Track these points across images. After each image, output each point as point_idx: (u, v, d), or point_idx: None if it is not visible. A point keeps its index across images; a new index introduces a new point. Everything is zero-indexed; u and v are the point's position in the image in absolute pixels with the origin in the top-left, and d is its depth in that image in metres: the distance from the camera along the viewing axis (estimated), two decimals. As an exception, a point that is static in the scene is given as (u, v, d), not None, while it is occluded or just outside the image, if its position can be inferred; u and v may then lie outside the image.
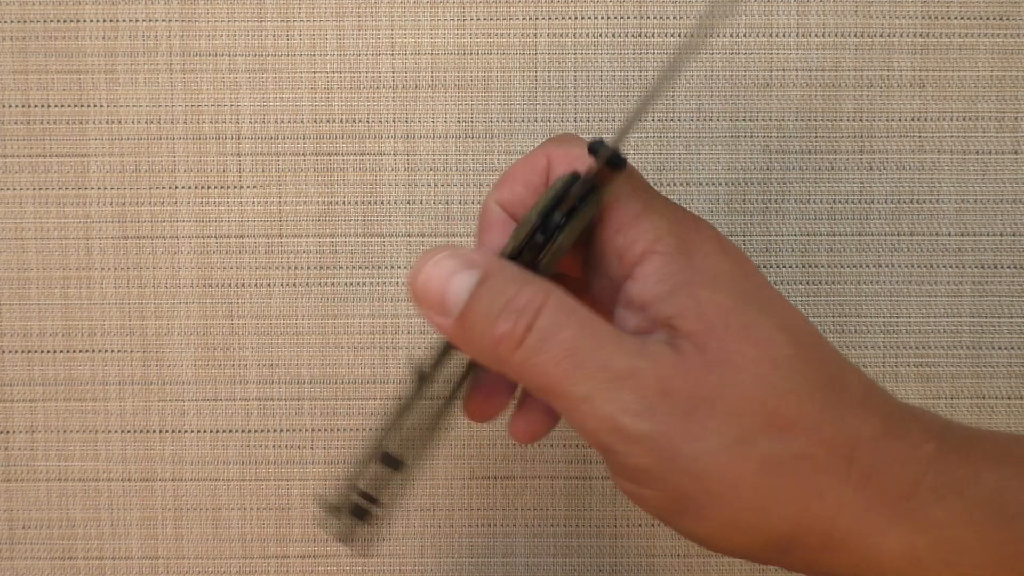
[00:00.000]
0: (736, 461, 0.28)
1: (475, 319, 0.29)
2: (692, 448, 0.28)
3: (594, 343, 0.29)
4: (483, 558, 0.47)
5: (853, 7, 0.45)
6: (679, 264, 0.30)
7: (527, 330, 0.28)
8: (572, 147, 0.33)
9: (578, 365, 0.28)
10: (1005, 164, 0.45)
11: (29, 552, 0.47)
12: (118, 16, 0.45)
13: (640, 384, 0.28)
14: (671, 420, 0.28)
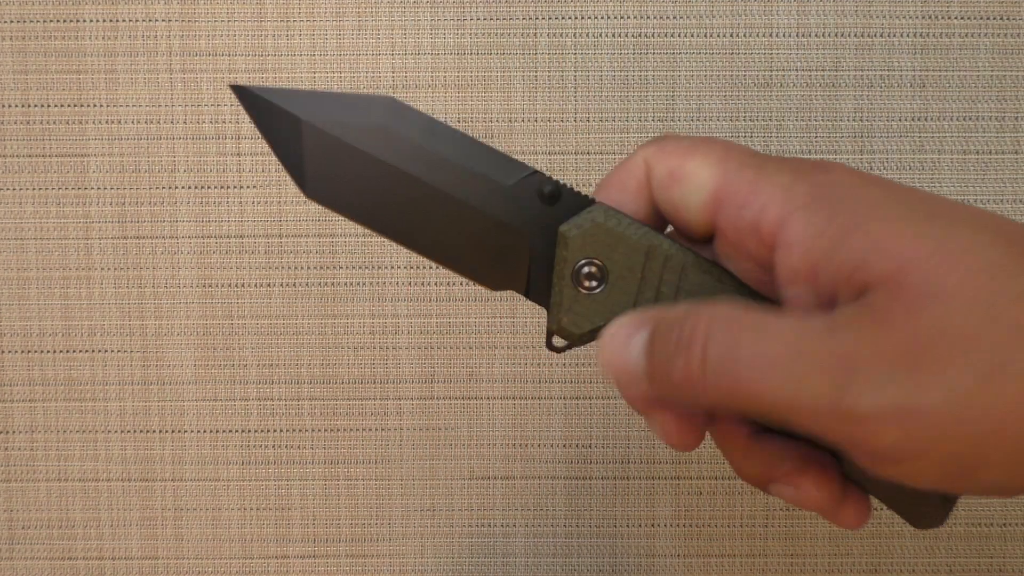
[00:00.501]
0: (996, 392, 0.25)
1: (659, 375, 0.27)
2: (934, 401, 0.25)
3: (779, 339, 0.26)
4: (483, 558, 0.47)
5: (853, 7, 0.45)
6: (826, 212, 0.27)
7: (703, 359, 0.26)
8: (667, 144, 0.30)
9: (772, 368, 0.26)
10: (1005, 164, 0.45)
11: (29, 552, 0.47)
12: (118, 16, 0.45)
13: (845, 358, 0.25)
14: (896, 382, 0.25)
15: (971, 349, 0.25)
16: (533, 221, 0.30)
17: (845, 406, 0.25)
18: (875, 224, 0.26)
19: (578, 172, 0.45)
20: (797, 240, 0.27)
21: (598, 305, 0.30)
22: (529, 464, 0.47)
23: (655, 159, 0.30)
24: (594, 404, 0.46)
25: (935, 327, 0.25)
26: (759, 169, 0.28)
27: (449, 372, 0.46)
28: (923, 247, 0.25)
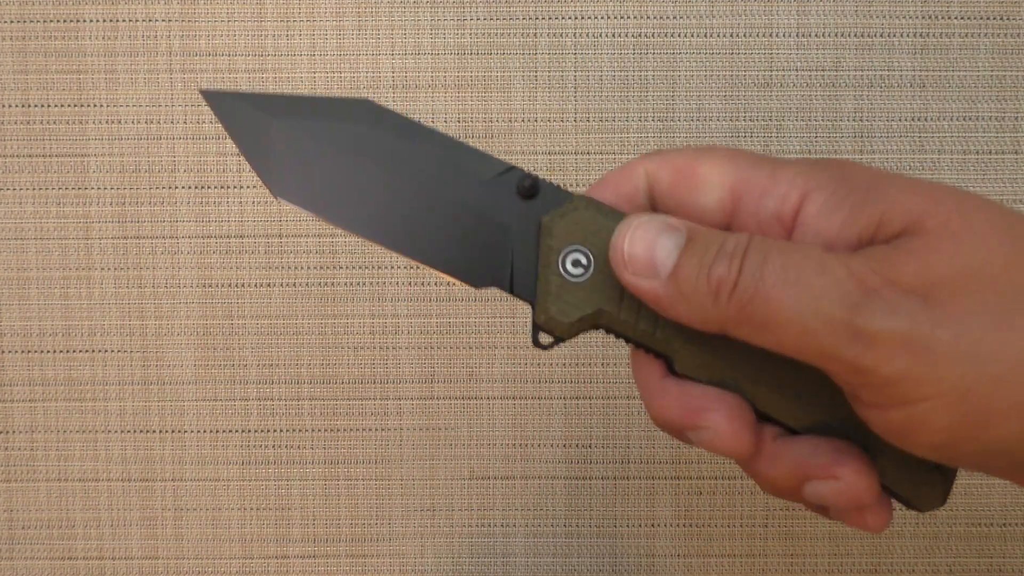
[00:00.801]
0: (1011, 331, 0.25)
1: (688, 273, 0.27)
2: (950, 333, 0.25)
3: (804, 257, 0.26)
4: (483, 558, 0.47)
5: (853, 7, 0.45)
6: (844, 189, 0.28)
7: (740, 268, 0.26)
8: (669, 153, 0.31)
9: (794, 282, 0.26)
10: (1005, 164, 0.45)
11: (29, 552, 0.47)
12: (118, 16, 0.45)
13: (863, 279, 0.25)
14: (910, 309, 0.25)
15: (989, 289, 0.25)
16: (514, 215, 0.31)
17: (856, 324, 0.25)
18: (891, 188, 0.27)
19: (578, 172, 0.45)
20: (818, 214, 0.28)
21: (585, 292, 0.30)
22: (529, 464, 0.47)
23: (658, 167, 0.30)
24: (594, 404, 0.46)
25: (954, 263, 0.25)
26: (774, 163, 0.29)
27: (449, 372, 0.46)
28: (939, 201, 0.26)
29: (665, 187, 0.30)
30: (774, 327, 0.26)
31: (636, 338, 0.30)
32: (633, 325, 0.29)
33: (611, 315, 0.29)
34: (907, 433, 0.26)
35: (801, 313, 0.26)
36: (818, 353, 0.26)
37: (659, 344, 0.29)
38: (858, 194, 0.27)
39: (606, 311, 0.29)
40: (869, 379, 0.26)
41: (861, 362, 0.25)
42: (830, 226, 0.28)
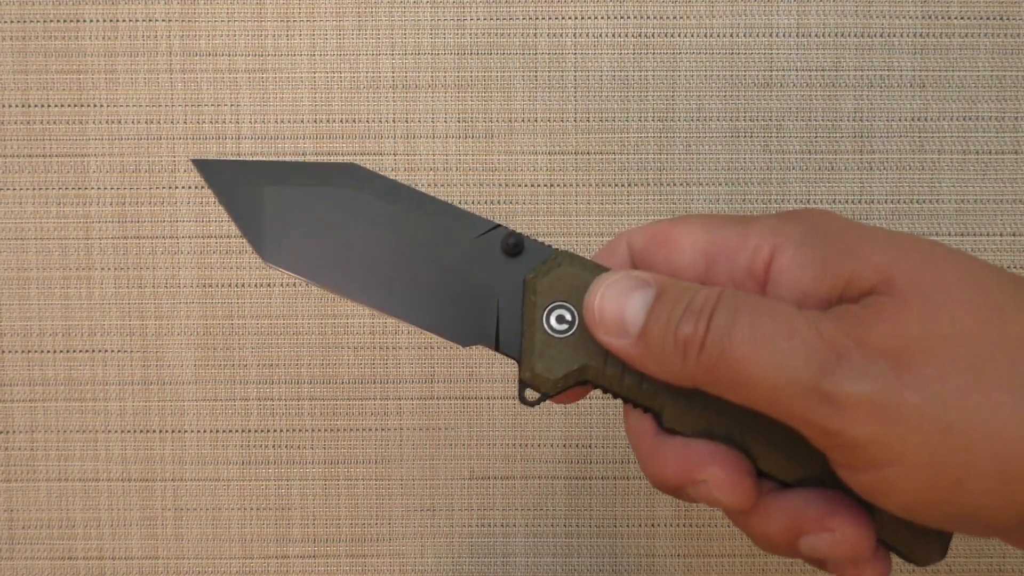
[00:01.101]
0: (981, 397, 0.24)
1: (656, 331, 0.27)
2: (918, 398, 0.24)
3: (773, 318, 0.26)
4: (483, 558, 0.47)
5: (853, 7, 0.45)
6: (814, 241, 0.27)
7: (707, 327, 0.26)
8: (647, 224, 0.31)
9: (761, 344, 0.25)
10: (1005, 164, 0.45)
11: (29, 552, 0.47)
12: (118, 16, 0.45)
13: (832, 342, 0.25)
14: (879, 372, 0.24)
15: (960, 352, 0.25)
16: (499, 274, 0.31)
17: (825, 389, 0.25)
18: (861, 244, 0.27)
19: (578, 172, 0.45)
20: (789, 268, 0.28)
21: (570, 348, 0.30)
22: (529, 464, 0.47)
23: (635, 235, 0.31)
24: (594, 404, 0.46)
25: (925, 327, 0.25)
26: (745, 222, 0.29)
27: (449, 372, 0.46)
28: (910, 259, 0.26)
29: (642, 251, 0.31)
30: (743, 386, 0.26)
31: (623, 393, 0.30)
32: (619, 380, 0.29)
33: (596, 370, 0.30)
34: (878, 495, 0.26)
35: (769, 375, 0.25)
36: (787, 414, 0.26)
37: (646, 398, 0.29)
38: (828, 248, 0.27)
39: (591, 366, 0.30)
40: (838, 441, 0.25)
41: (829, 425, 0.25)
42: (802, 280, 0.27)
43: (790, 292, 0.28)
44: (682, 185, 0.45)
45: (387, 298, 0.31)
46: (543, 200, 0.45)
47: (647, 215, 0.45)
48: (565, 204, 0.46)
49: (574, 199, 0.45)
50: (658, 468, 0.29)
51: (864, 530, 0.28)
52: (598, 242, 0.45)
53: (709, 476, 0.28)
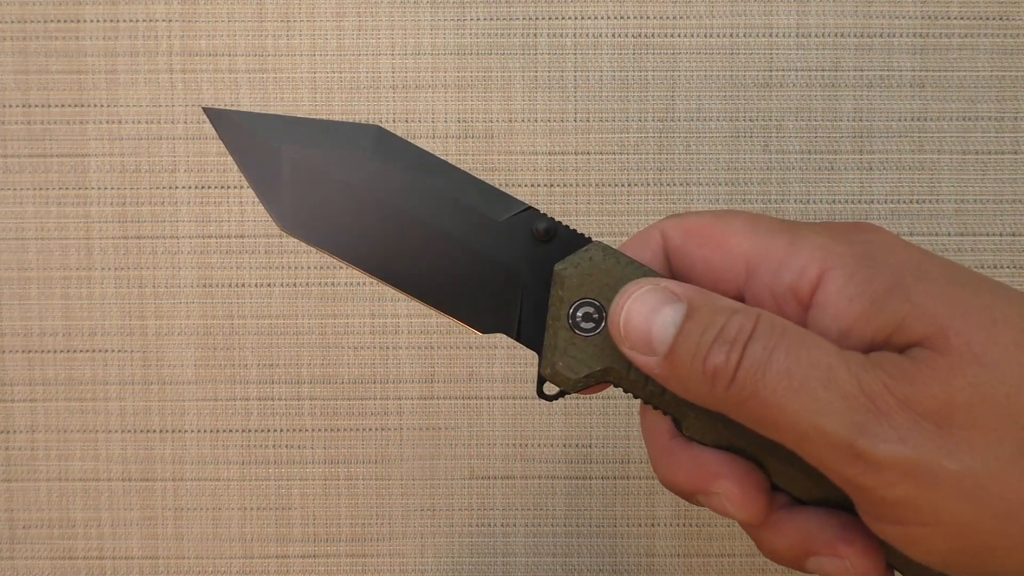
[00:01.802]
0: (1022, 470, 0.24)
1: (684, 355, 0.26)
2: (959, 466, 0.23)
3: (812, 362, 0.24)
4: (483, 558, 0.47)
5: (853, 7, 0.45)
6: (866, 272, 0.26)
7: (739, 360, 0.25)
8: (688, 215, 0.29)
9: (797, 389, 0.24)
10: (1005, 164, 0.45)
11: (29, 552, 0.47)
12: (118, 16, 0.45)
13: (873, 397, 0.24)
14: (920, 435, 0.24)
15: (1007, 422, 0.24)
16: (526, 259, 0.29)
17: (860, 446, 0.24)
18: (917, 286, 0.25)
19: (578, 172, 0.45)
20: (836, 298, 0.26)
21: (595, 349, 0.28)
22: (529, 464, 0.47)
23: (674, 226, 0.29)
24: (594, 404, 0.46)
25: (975, 392, 0.24)
26: (793, 233, 0.27)
27: (449, 372, 0.46)
28: (967, 313, 0.25)
29: (679, 246, 0.29)
30: (772, 427, 0.25)
31: (644, 397, 0.28)
32: (642, 386, 0.28)
33: (619, 374, 0.28)
34: (901, 544, 0.25)
35: (802, 423, 0.24)
36: (817, 461, 0.25)
37: (667, 406, 0.28)
38: (880, 285, 0.25)
39: (615, 369, 0.28)
40: (867, 497, 0.25)
41: (860, 482, 0.24)
42: (848, 314, 0.26)
43: (834, 323, 0.26)
44: (682, 185, 0.45)
45: (405, 276, 0.29)
46: (543, 200, 0.45)
47: (647, 215, 0.45)
48: (565, 204, 0.46)
49: (574, 199, 0.45)
50: (671, 472, 0.28)
51: (874, 561, 0.27)
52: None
53: (722, 489, 0.28)
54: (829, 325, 0.26)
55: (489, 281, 0.29)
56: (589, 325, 0.28)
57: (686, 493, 0.28)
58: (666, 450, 0.29)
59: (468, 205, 0.29)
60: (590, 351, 0.28)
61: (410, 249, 0.29)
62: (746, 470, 0.28)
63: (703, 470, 0.28)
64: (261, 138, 0.29)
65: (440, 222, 0.29)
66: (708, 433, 0.28)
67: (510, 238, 0.29)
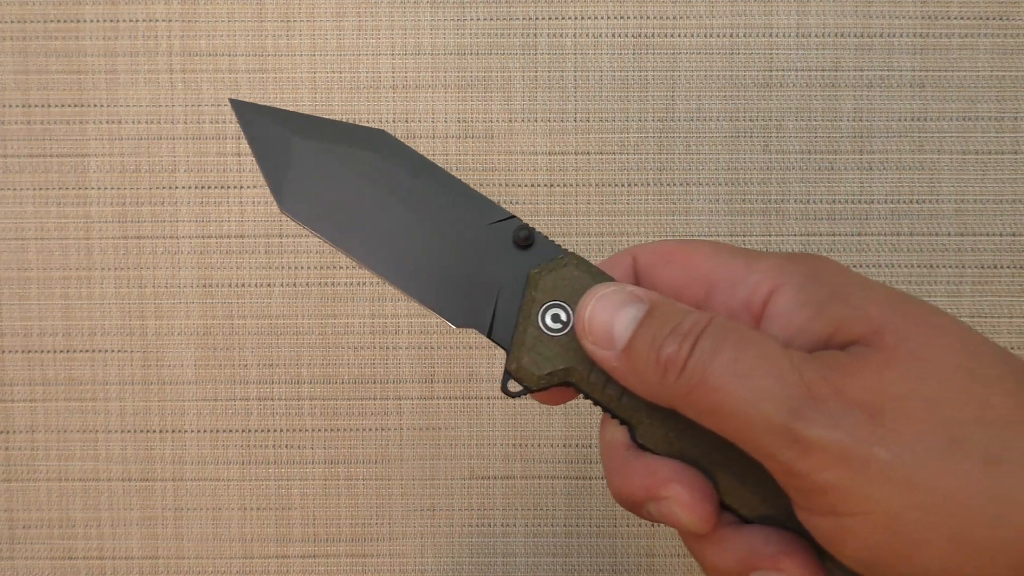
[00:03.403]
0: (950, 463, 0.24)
1: (641, 347, 0.27)
2: (888, 454, 0.24)
3: (757, 353, 0.26)
4: (483, 558, 0.47)
5: (853, 7, 0.45)
6: (814, 286, 0.28)
7: (690, 351, 0.27)
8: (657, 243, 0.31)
9: (741, 376, 0.26)
10: (1005, 164, 0.45)
11: (29, 552, 0.47)
12: (118, 16, 0.45)
13: (811, 386, 0.25)
14: (852, 422, 0.25)
15: (936, 417, 0.25)
16: (505, 263, 0.31)
17: (795, 429, 0.25)
18: (859, 294, 0.27)
19: (578, 172, 0.45)
20: (785, 308, 0.28)
21: (560, 348, 0.30)
22: (529, 464, 0.47)
23: (644, 251, 0.31)
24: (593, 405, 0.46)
25: (906, 384, 0.25)
26: (749, 256, 0.30)
27: (449, 372, 0.46)
28: (905, 317, 0.26)
29: (647, 265, 0.31)
30: (716, 415, 0.26)
31: (603, 402, 0.30)
32: (601, 389, 0.30)
33: (581, 375, 0.30)
34: (834, 542, 0.26)
35: (743, 408, 0.26)
36: (756, 448, 0.26)
37: (624, 411, 0.30)
38: (825, 293, 0.27)
39: (576, 370, 0.30)
40: (801, 483, 0.26)
41: (795, 466, 0.25)
42: (794, 321, 0.28)
43: (782, 330, 0.28)
44: (682, 185, 0.45)
45: (391, 267, 0.32)
46: (543, 200, 0.45)
47: (647, 215, 0.45)
48: (565, 204, 0.46)
49: (574, 199, 0.46)
50: (623, 481, 0.30)
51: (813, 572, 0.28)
52: (598, 242, 0.45)
53: (672, 493, 0.29)
54: (778, 332, 0.28)
55: (468, 279, 0.32)
56: (557, 326, 0.30)
57: (637, 501, 0.29)
58: (621, 460, 0.30)
59: (457, 207, 0.32)
60: (556, 350, 0.30)
61: (397, 243, 0.32)
62: (696, 477, 0.29)
63: (654, 476, 0.29)
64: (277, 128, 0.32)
65: (429, 219, 0.32)
66: (661, 441, 0.29)
67: (492, 242, 0.32)
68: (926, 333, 0.26)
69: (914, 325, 0.26)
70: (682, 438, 0.29)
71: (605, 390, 0.30)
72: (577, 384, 0.30)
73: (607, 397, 0.30)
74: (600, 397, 0.30)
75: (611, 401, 0.30)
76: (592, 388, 0.30)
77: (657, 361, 0.27)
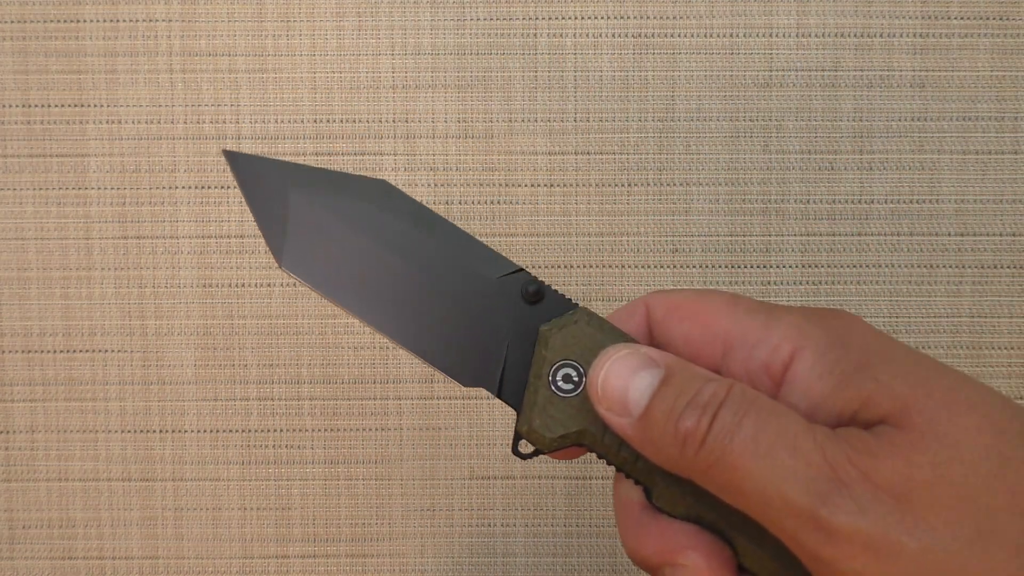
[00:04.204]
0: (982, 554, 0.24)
1: (658, 418, 0.26)
2: (918, 544, 0.24)
3: (779, 430, 0.25)
4: (483, 558, 0.47)
5: (853, 7, 0.45)
6: (836, 353, 0.27)
7: (710, 426, 0.25)
8: (672, 292, 0.30)
9: (763, 455, 0.25)
10: (1005, 164, 0.45)
11: (29, 552, 0.47)
12: (118, 16, 0.45)
13: (836, 467, 0.24)
14: (881, 509, 0.24)
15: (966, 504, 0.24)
16: (514, 319, 0.30)
17: (820, 515, 0.24)
18: (884, 367, 0.26)
19: (578, 172, 0.45)
20: (805, 376, 0.27)
21: (572, 410, 0.29)
22: (529, 464, 0.47)
23: (658, 301, 0.30)
24: (594, 404, 0.46)
25: (934, 470, 0.24)
26: (769, 314, 0.28)
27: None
28: (931, 394, 0.25)
29: (661, 319, 0.30)
30: (737, 493, 0.25)
31: (617, 464, 0.29)
32: (615, 451, 0.29)
33: (594, 437, 0.29)
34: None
35: (766, 489, 0.25)
36: (778, 530, 0.25)
37: (639, 473, 0.29)
38: (849, 364, 0.26)
39: (590, 432, 0.29)
40: (827, 570, 0.25)
41: (819, 552, 0.24)
42: (817, 390, 0.26)
43: (803, 399, 0.27)
44: (682, 185, 0.45)
45: (395, 325, 0.30)
46: (543, 200, 0.45)
47: (647, 215, 0.45)
48: (565, 204, 0.46)
49: (574, 199, 0.45)
50: (639, 543, 0.29)
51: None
52: (598, 242, 0.45)
53: (689, 561, 0.28)
54: (799, 401, 0.27)
55: (476, 337, 0.30)
56: (569, 386, 0.29)
57: (653, 566, 0.29)
58: (636, 521, 0.29)
59: (462, 262, 0.30)
60: (568, 412, 0.29)
61: (402, 299, 0.30)
62: (714, 544, 0.28)
63: (671, 542, 0.28)
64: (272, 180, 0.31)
65: (434, 274, 0.30)
66: (678, 504, 0.28)
67: (500, 297, 0.30)
68: (953, 412, 0.25)
69: (942, 403, 0.25)
70: (699, 502, 0.28)
71: (620, 453, 0.29)
72: (590, 445, 0.29)
73: (621, 459, 0.29)
74: (614, 460, 0.29)
75: (626, 464, 0.29)
76: (606, 450, 0.29)
77: (676, 434, 0.26)
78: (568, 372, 0.29)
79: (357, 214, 0.30)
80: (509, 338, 0.30)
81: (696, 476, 0.26)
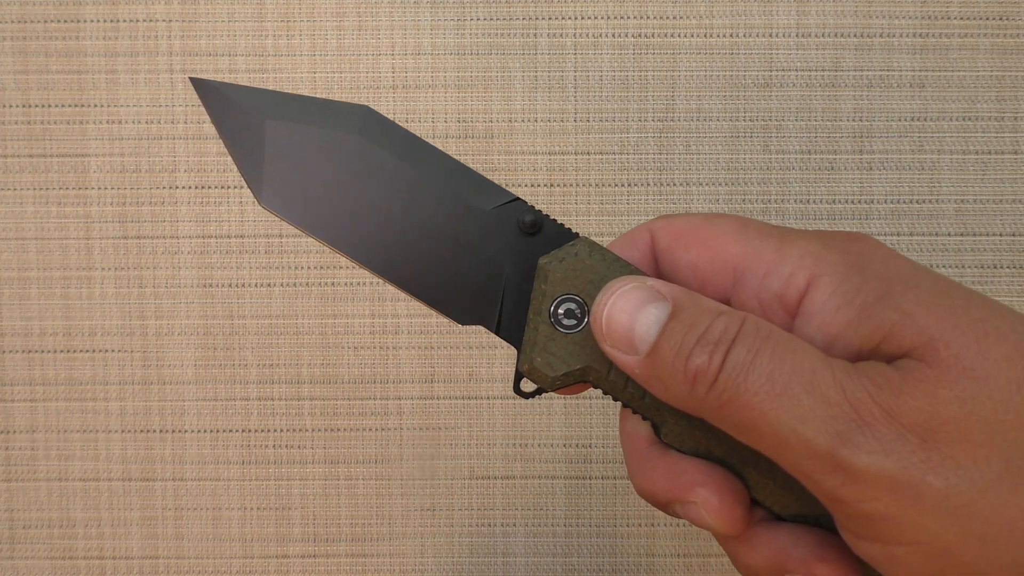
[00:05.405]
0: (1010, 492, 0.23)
1: (666, 355, 0.25)
2: (943, 483, 0.23)
3: (796, 367, 0.24)
4: (483, 558, 0.47)
5: (853, 7, 0.45)
6: (856, 280, 0.25)
7: (722, 363, 0.24)
8: (676, 217, 0.28)
9: (779, 394, 0.23)
10: (1005, 164, 0.45)
11: (29, 552, 0.47)
12: (118, 16, 0.45)
13: (857, 406, 0.23)
14: (905, 449, 0.23)
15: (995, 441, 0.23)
16: (510, 251, 0.28)
17: (841, 456, 0.23)
18: (908, 296, 0.24)
19: (578, 172, 0.45)
20: (823, 306, 0.25)
21: (575, 346, 0.27)
22: (529, 464, 0.47)
23: (663, 227, 0.28)
24: (594, 404, 0.46)
25: (962, 406, 0.23)
26: (782, 239, 0.27)
27: (449, 372, 0.46)
28: (957, 325, 0.24)
29: (667, 247, 0.28)
30: (752, 432, 0.24)
31: (624, 400, 0.28)
32: (622, 388, 0.27)
33: (599, 374, 0.27)
34: (881, 566, 0.24)
35: (782, 430, 0.23)
36: (796, 470, 0.24)
37: (646, 410, 0.28)
38: (870, 293, 0.25)
39: (594, 369, 0.27)
40: (847, 510, 0.24)
41: (840, 494, 0.24)
42: (835, 322, 0.25)
43: (820, 332, 0.25)
44: (682, 185, 0.45)
45: (384, 261, 0.29)
46: (543, 200, 0.45)
47: (647, 215, 0.45)
48: (565, 204, 0.46)
49: (574, 199, 0.46)
50: (647, 480, 0.28)
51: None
52: (598, 242, 0.45)
53: (700, 498, 0.27)
54: (815, 333, 0.25)
55: (471, 272, 0.29)
56: (571, 322, 0.28)
57: (662, 502, 0.28)
58: (644, 458, 0.28)
59: (454, 192, 0.29)
60: (570, 348, 0.28)
61: (391, 234, 0.29)
62: (725, 479, 0.27)
63: (681, 478, 0.27)
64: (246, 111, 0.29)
65: (424, 208, 0.29)
66: (687, 440, 0.27)
67: (495, 229, 0.29)
68: (983, 344, 0.23)
69: (968, 335, 0.24)
70: (710, 438, 0.27)
71: (626, 389, 0.27)
72: (595, 382, 0.28)
73: (628, 396, 0.27)
74: (621, 396, 0.28)
75: (633, 400, 0.28)
76: (612, 387, 0.28)
77: (685, 372, 0.25)
78: (570, 307, 0.28)
79: (339, 145, 0.28)
80: (506, 273, 0.29)
81: (707, 415, 0.25)
